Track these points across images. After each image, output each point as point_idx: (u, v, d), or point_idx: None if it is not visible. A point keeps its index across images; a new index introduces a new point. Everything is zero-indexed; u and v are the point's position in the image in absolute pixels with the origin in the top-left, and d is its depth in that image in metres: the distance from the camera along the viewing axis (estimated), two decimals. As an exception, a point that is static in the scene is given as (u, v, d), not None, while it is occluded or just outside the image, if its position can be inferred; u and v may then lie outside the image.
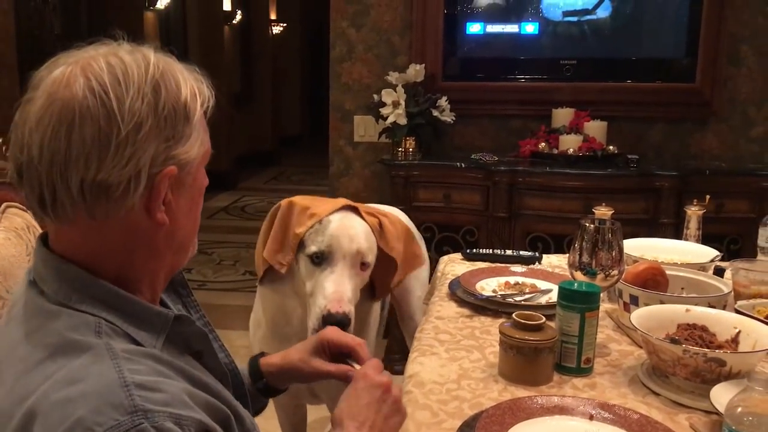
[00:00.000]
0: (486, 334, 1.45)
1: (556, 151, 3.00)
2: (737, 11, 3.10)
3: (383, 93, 3.07)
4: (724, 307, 1.41)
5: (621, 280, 1.39)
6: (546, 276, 1.75)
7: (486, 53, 3.32)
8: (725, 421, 0.91)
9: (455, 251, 2.11)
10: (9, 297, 1.15)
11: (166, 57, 0.86)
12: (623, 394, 1.21)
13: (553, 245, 2.83)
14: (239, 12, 8.44)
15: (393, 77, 3.13)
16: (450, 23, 3.25)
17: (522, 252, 1.99)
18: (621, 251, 1.35)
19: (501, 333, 1.26)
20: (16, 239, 1.32)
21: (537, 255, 1.96)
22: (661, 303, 1.36)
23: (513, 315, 1.27)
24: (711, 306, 1.35)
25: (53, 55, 0.85)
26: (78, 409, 0.71)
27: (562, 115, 3.13)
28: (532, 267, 1.87)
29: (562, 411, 1.11)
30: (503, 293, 1.63)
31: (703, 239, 1.89)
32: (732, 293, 1.49)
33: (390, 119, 3.05)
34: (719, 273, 1.69)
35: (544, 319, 1.26)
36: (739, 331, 1.25)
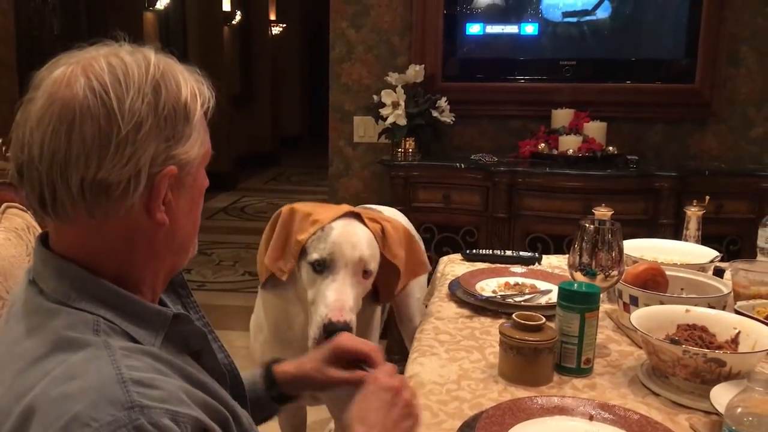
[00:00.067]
0: (486, 334, 1.45)
1: (555, 152, 3.00)
2: (737, 12, 3.10)
3: (383, 94, 3.07)
4: (723, 308, 1.41)
5: (621, 280, 1.39)
6: (546, 276, 1.75)
7: (486, 54, 3.32)
8: (725, 422, 0.92)
9: (455, 252, 2.11)
10: (9, 297, 1.15)
11: (166, 58, 0.86)
12: (623, 394, 1.21)
13: (553, 246, 2.83)
14: (239, 12, 8.44)
15: (393, 78, 3.13)
16: (450, 24, 3.25)
17: (522, 253, 1.99)
18: (621, 252, 1.35)
19: (501, 333, 1.26)
20: (16, 239, 1.31)
21: (537, 256, 1.96)
22: (661, 303, 1.36)
23: (513, 315, 1.27)
24: (711, 306, 1.36)
25: (53, 56, 0.85)
26: (75, 405, 0.71)
27: (561, 116, 3.13)
28: (531, 267, 1.87)
29: (562, 411, 1.11)
30: (503, 294, 1.64)
31: (703, 240, 1.89)
32: (732, 294, 1.49)
33: (390, 120, 3.05)
34: (719, 274, 1.69)
35: (544, 320, 1.26)
36: (739, 332, 1.25)
